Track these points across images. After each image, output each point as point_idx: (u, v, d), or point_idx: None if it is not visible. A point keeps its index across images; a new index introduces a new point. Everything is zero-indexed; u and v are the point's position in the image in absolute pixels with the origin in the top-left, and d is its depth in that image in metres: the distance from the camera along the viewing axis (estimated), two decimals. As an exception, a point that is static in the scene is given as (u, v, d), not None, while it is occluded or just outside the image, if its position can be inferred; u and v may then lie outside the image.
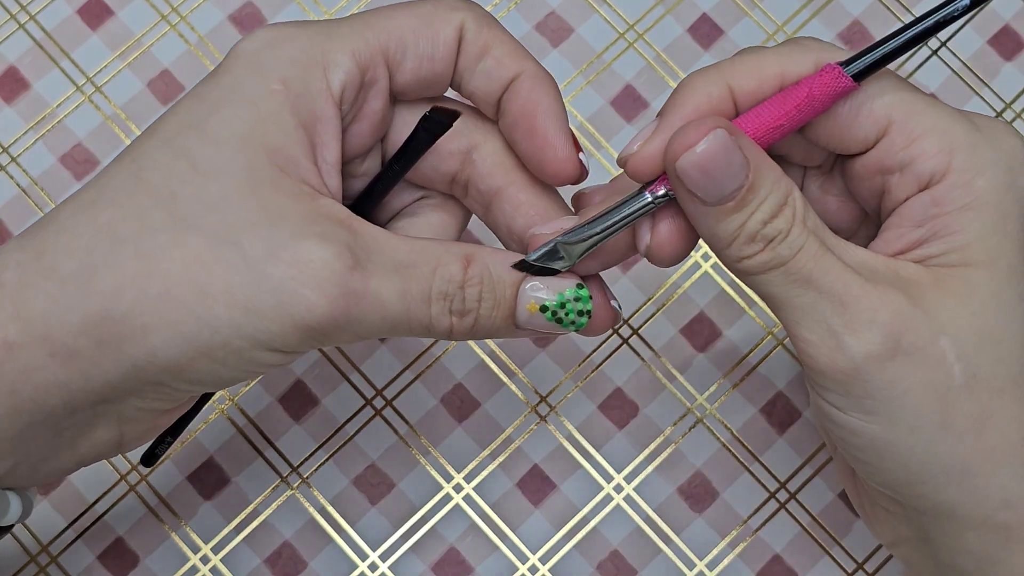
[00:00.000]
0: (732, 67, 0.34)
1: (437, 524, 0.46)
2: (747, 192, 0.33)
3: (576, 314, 0.35)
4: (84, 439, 0.35)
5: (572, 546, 0.45)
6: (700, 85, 0.34)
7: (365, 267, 0.32)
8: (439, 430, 0.46)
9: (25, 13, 0.50)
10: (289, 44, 0.34)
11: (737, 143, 0.32)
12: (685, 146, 0.32)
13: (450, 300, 0.33)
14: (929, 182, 0.33)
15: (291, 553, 0.45)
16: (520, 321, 0.35)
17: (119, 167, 0.33)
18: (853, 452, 0.34)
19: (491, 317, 0.34)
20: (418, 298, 0.33)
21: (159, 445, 0.41)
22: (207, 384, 0.34)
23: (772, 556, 0.45)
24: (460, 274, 0.33)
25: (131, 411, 0.34)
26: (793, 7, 0.50)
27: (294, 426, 0.46)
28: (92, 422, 0.34)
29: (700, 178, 0.32)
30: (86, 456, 0.35)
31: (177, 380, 0.33)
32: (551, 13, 0.50)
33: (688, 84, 0.34)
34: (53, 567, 0.45)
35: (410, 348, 0.47)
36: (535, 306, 0.34)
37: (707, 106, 0.34)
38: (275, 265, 0.31)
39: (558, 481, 0.46)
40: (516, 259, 0.35)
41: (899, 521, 0.36)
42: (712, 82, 0.34)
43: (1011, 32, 0.50)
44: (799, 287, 0.33)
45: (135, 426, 0.35)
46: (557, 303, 0.34)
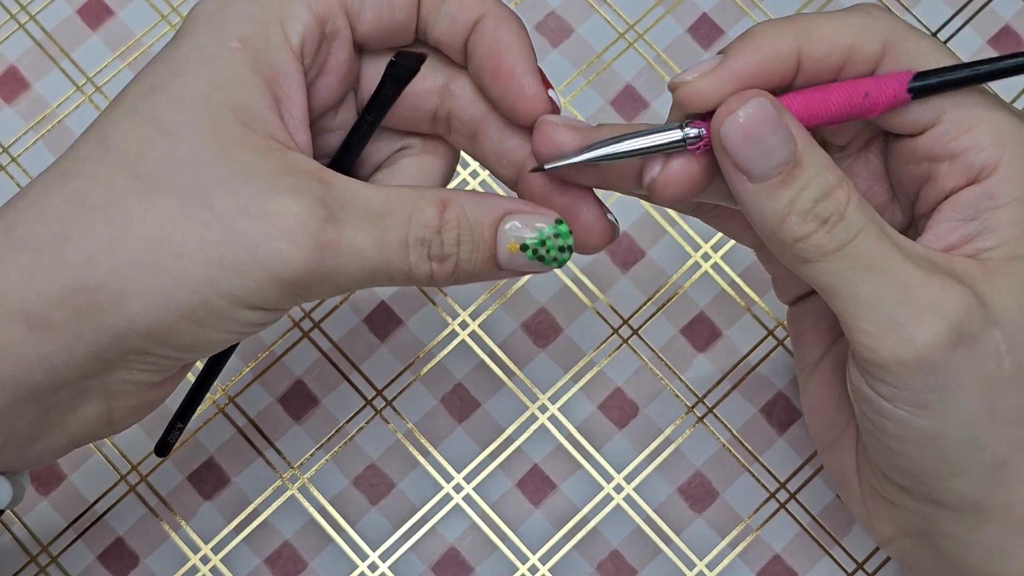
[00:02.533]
0: (806, 28, 0.34)
1: (437, 524, 0.46)
2: (794, 167, 0.32)
3: (557, 250, 0.34)
4: (72, 417, 0.34)
5: (572, 546, 0.45)
6: (772, 36, 0.34)
7: (339, 218, 0.32)
8: (439, 430, 0.46)
9: (25, 13, 0.50)
10: (245, 1, 0.34)
11: (783, 117, 0.32)
12: (728, 113, 0.32)
13: (428, 245, 0.33)
14: (979, 175, 0.33)
15: (291, 553, 0.45)
16: (501, 262, 0.34)
17: (86, 138, 0.33)
18: (891, 443, 0.34)
19: (471, 260, 0.34)
20: (395, 246, 0.33)
21: (171, 433, 0.41)
22: (193, 349, 0.33)
23: (772, 556, 0.45)
24: (436, 219, 0.33)
25: (118, 385, 0.34)
26: (794, 7, 0.50)
27: (294, 426, 0.46)
28: (79, 398, 0.34)
29: (744, 145, 0.32)
30: (77, 435, 0.35)
31: (160, 346, 0.32)
32: (551, 13, 0.50)
33: (760, 32, 0.34)
34: (53, 567, 0.45)
35: (410, 348, 0.47)
36: (515, 245, 0.34)
37: (772, 59, 0.33)
38: (248, 221, 0.31)
39: (558, 481, 0.46)
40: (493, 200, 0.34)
41: (904, 516, 0.36)
42: (784, 37, 0.33)
43: (1011, 32, 0.50)
44: (860, 275, 0.32)
45: (124, 401, 0.35)
46: (537, 241, 0.34)
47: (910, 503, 0.36)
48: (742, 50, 0.33)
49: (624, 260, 0.48)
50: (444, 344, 0.47)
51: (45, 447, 0.35)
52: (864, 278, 0.32)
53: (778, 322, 0.47)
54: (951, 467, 0.33)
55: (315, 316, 0.47)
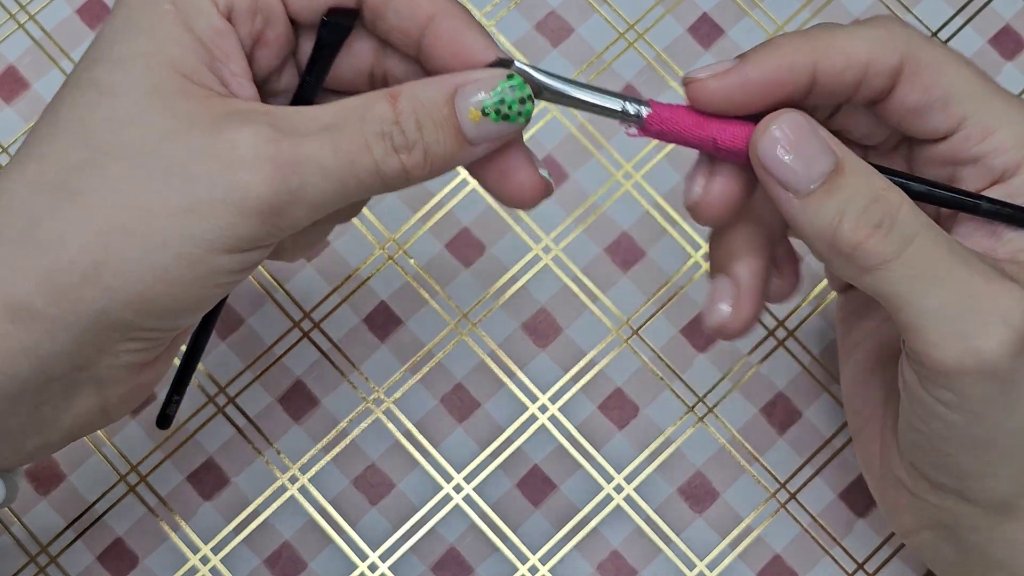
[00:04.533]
0: (823, 42, 0.34)
1: (437, 524, 0.46)
2: (836, 175, 0.32)
3: (519, 103, 0.33)
4: (66, 410, 0.34)
5: (572, 546, 0.45)
6: (788, 48, 0.34)
7: (291, 136, 0.32)
8: (439, 430, 0.46)
9: (25, 13, 0.50)
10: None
11: (817, 129, 0.32)
12: (763, 132, 0.32)
13: (389, 137, 0.33)
14: (1001, 176, 0.34)
15: (291, 553, 0.45)
16: (469, 135, 0.33)
17: (40, 120, 0.33)
18: (938, 445, 0.34)
19: (439, 142, 0.33)
20: (356, 148, 0.32)
21: (169, 405, 0.41)
22: (177, 313, 0.33)
23: (772, 556, 0.45)
24: (390, 111, 0.33)
25: (107, 371, 0.34)
26: (793, 7, 0.50)
27: (294, 426, 0.46)
28: (70, 391, 0.34)
29: (783, 159, 0.32)
30: (72, 428, 0.35)
31: (143, 316, 0.32)
32: (551, 13, 0.50)
33: (778, 44, 0.34)
34: (53, 567, 0.45)
35: (410, 348, 0.47)
36: (476, 112, 0.33)
37: (787, 71, 0.33)
38: (202, 162, 0.31)
39: (558, 481, 0.46)
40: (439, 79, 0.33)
41: (928, 510, 0.36)
42: (800, 50, 0.34)
43: (1011, 32, 0.50)
44: (924, 285, 0.32)
45: (116, 388, 0.34)
46: (496, 100, 0.33)
47: (937, 499, 0.36)
48: (758, 58, 0.34)
49: (624, 260, 0.48)
50: (444, 344, 0.47)
51: (40, 442, 0.35)
52: (928, 288, 0.32)
53: (778, 322, 0.47)
54: (994, 468, 0.34)
55: (315, 316, 0.47)
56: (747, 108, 0.34)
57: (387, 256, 0.48)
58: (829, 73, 0.34)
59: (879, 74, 0.34)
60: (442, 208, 0.48)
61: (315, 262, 0.48)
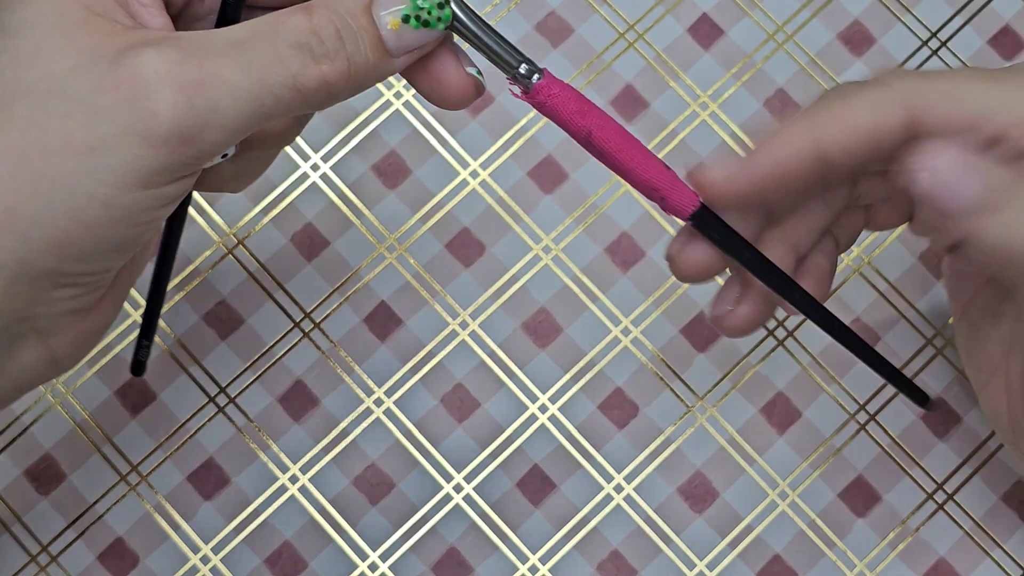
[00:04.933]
0: (823, 121, 0.34)
1: (437, 524, 0.46)
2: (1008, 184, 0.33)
3: (437, 7, 0.32)
4: (11, 364, 0.33)
5: (572, 546, 0.45)
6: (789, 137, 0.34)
7: (196, 56, 0.31)
8: (439, 430, 0.46)
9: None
10: None
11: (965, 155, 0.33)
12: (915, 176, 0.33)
13: (308, 49, 0.31)
14: None
15: (291, 553, 0.45)
16: (391, 45, 0.32)
17: None
18: None
19: (361, 53, 0.32)
20: (268, 62, 0.31)
21: (139, 351, 0.40)
22: (102, 255, 0.32)
23: (772, 556, 0.45)
24: (305, 20, 0.32)
25: (45, 322, 0.33)
26: (793, 7, 0.50)
27: (294, 426, 0.46)
28: (12, 345, 0.33)
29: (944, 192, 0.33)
30: (21, 380, 0.34)
31: (66, 261, 0.31)
32: (551, 13, 0.50)
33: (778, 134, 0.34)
34: (53, 567, 0.45)
35: (410, 348, 0.47)
36: (396, 21, 0.32)
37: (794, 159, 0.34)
38: (103, 94, 0.30)
39: (558, 481, 0.46)
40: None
41: None
42: (801, 137, 0.34)
43: (1011, 32, 0.50)
44: None
45: (60, 337, 0.33)
46: (413, 7, 0.32)
47: None
48: (761, 155, 0.34)
49: (624, 260, 0.48)
50: (444, 344, 0.47)
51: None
52: None
53: (778, 322, 0.47)
54: None
55: (315, 316, 0.47)
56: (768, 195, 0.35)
57: (387, 256, 0.48)
58: (838, 150, 0.34)
59: (891, 131, 0.34)
60: (442, 208, 0.48)
61: (315, 262, 0.48)
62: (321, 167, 0.48)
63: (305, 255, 0.48)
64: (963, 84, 0.34)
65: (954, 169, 0.33)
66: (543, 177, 0.48)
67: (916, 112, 0.34)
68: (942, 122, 0.34)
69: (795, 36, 0.50)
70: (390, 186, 0.48)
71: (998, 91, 0.34)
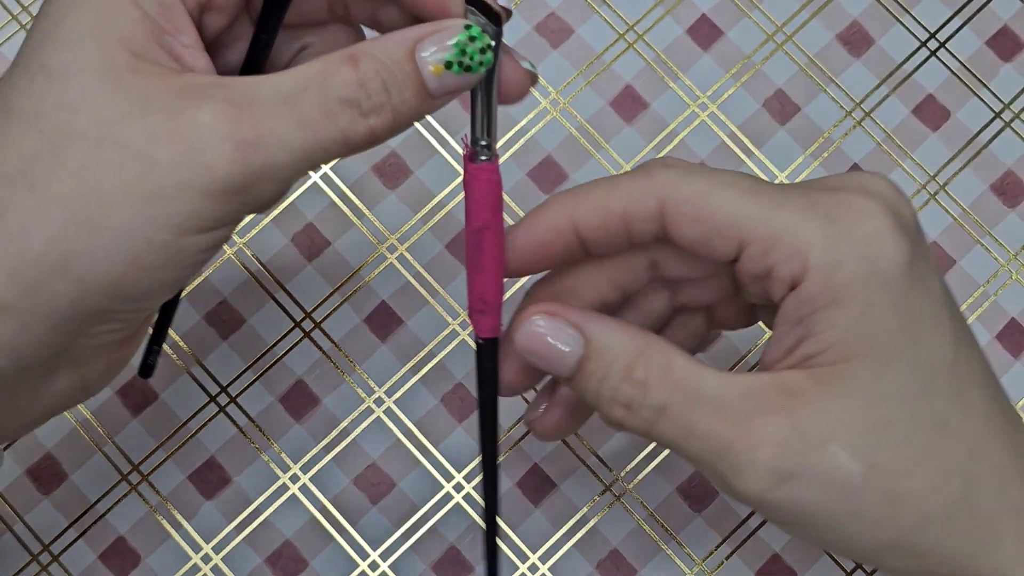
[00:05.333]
0: (580, 201, 0.36)
1: (437, 523, 0.46)
2: (584, 361, 0.35)
3: (479, 53, 0.33)
4: (45, 392, 0.34)
5: (572, 545, 0.46)
6: (548, 213, 0.36)
7: (250, 113, 0.31)
8: (439, 429, 0.47)
9: (27, 13, 0.50)
10: None
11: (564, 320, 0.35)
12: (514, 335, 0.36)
13: (356, 104, 0.32)
14: (792, 283, 0.34)
15: (292, 552, 0.45)
16: (433, 90, 0.33)
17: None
18: None
19: (405, 101, 0.33)
20: (320, 118, 0.32)
21: (149, 355, 0.41)
22: (154, 294, 0.33)
23: (771, 555, 0.46)
24: (353, 74, 0.32)
25: (84, 352, 0.33)
26: (792, 8, 0.50)
27: (295, 426, 0.47)
28: (48, 375, 0.33)
29: (534, 360, 0.35)
30: (52, 407, 0.35)
31: (119, 301, 0.32)
32: (551, 14, 0.50)
33: (541, 209, 0.36)
34: (55, 566, 0.45)
35: (410, 348, 0.47)
36: (439, 67, 0.32)
37: (550, 236, 0.36)
38: (160, 146, 0.31)
39: (558, 480, 0.46)
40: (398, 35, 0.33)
41: None
42: (558, 213, 0.36)
43: (1010, 33, 0.50)
44: (684, 439, 0.34)
45: (94, 366, 0.34)
46: (457, 53, 0.33)
47: None
48: (522, 228, 0.36)
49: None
50: (444, 344, 0.47)
51: (19, 423, 0.35)
52: (687, 441, 0.34)
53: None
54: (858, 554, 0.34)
55: (316, 316, 0.47)
56: (531, 270, 0.37)
57: (388, 256, 0.48)
58: (590, 229, 0.35)
59: (643, 220, 0.35)
60: (442, 208, 0.48)
61: (316, 262, 0.48)
62: (322, 167, 0.49)
63: (306, 255, 0.48)
64: (718, 190, 0.34)
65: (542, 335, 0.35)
66: (542, 178, 0.49)
67: (666, 206, 0.34)
68: (688, 221, 0.34)
69: (794, 37, 0.50)
70: (390, 186, 0.48)
71: (750, 205, 0.34)
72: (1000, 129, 0.49)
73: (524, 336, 0.35)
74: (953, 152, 0.49)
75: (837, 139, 0.49)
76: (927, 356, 0.33)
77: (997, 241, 0.48)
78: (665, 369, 0.34)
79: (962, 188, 0.49)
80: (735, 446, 0.33)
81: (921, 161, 0.49)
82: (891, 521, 0.33)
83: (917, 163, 0.49)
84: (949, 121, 0.49)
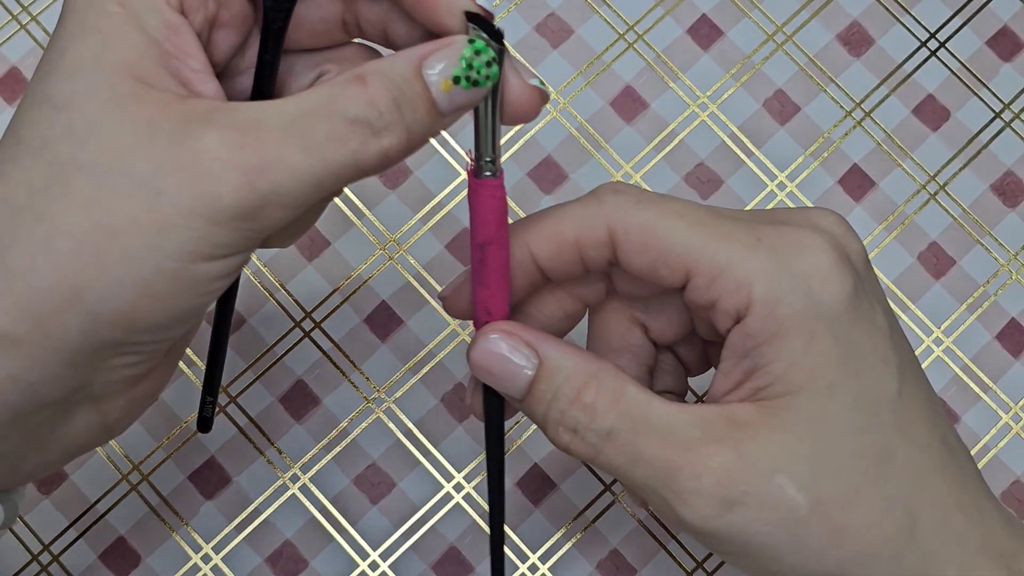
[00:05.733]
0: (534, 229, 0.36)
1: (437, 523, 0.46)
2: (536, 382, 0.35)
3: (485, 67, 0.32)
4: (64, 430, 0.33)
5: (572, 545, 0.46)
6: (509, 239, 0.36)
7: (255, 138, 0.31)
8: (439, 430, 0.47)
9: (27, 14, 0.50)
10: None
11: (519, 338, 0.35)
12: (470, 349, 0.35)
13: (368, 124, 0.31)
14: (738, 316, 0.34)
15: (292, 552, 0.45)
16: (442, 107, 0.32)
17: (3, 139, 0.32)
18: None
19: (418, 121, 0.32)
20: (327, 142, 0.31)
21: (204, 407, 0.41)
22: (167, 325, 0.32)
23: (771, 555, 0.46)
24: (362, 92, 0.31)
25: (102, 389, 0.33)
26: (792, 8, 0.50)
27: (295, 426, 0.47)
28: (67, 412, 0.33)
29: (487, 377, 0.35)
30: (72, 447, 0.34)
31: (132, 332, 0.31)
32: (551, 14, 0.50)
33: None
34: (55, 566, 0.45)
35: (410, 348, 0.47)
36: (447, 83, 0.32)
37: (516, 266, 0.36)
38: (167, 176, 0.30)
39: (558, 480, 0.46)
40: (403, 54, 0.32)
41: None
42: (515, 245, 0.36)
43: (1009, 33, 0.50)
44: (630, 465, 0.34)
45: (113, 403, 0.34)
46: (464, 67, 0.32)
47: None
48: None
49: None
50: (444, 344, 0.47)
51: (38, 463, 0.34)
52: (634, 467, 0.34)
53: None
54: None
55: (316, 316, 0.47)
56: None
57: (388, 256, 0.48)
58: (546, 257, 0.35)
59: (594, 247, 0.35)
60: (442, 209, 0.48)
61: (316, 262, 0.48)
62: (322, 168, 0.49)
63: (306, 255, 0.48)
64: (665, 219, 0.34)
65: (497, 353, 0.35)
66: (542, 178, 0.49)
67: (615, 234, 0.34)
68: (636, 249, 0.34)
69: (794, 37, 0.50)
70: (390, 186, 0.49)
71: (697, 236, 0.34)
72: (1000, 129, 0.49)
73: (479, 354, 0.35)
74: (953, 152, 0.49)
75: (837, 139, 0.49)
76: (869, 389, 0.34)
77: (997, 241, 0.48)
78: (615, 395, 0.34)
79: (962, 188, 0.49)
80: (680, 473, 0.33)
81: (921, 161, 0.49)
82: (834, 553, 0.33)
83: (917, 163, 0.49)
84: (949, 121, 0.49)
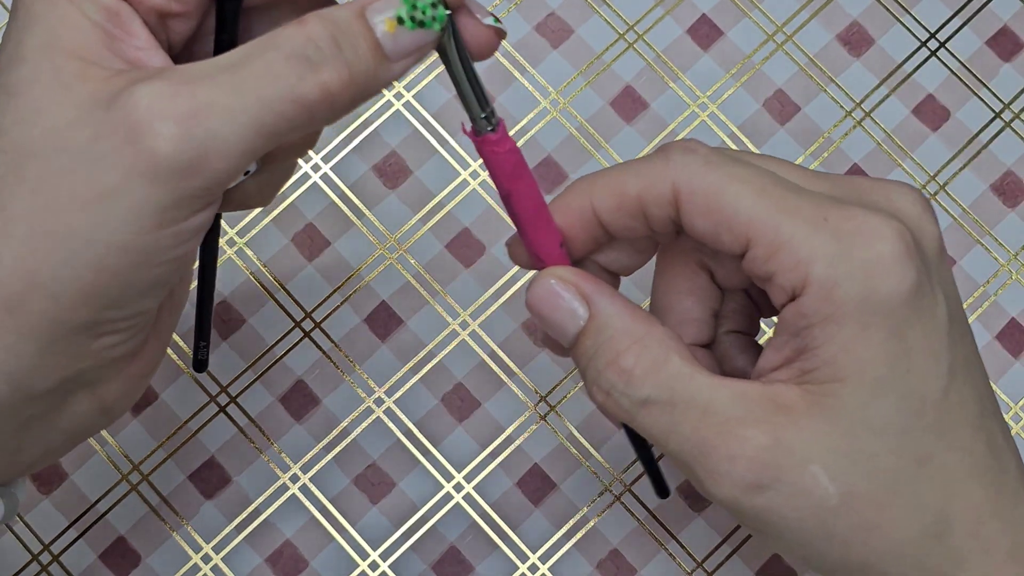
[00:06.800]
0: (598, 184, 0.35)
1: (437, 523, 0.46)
2: (582, 336, 0.35)
3: (431, 7, 0.32)
4: (60, 420, 0.33)
5: (572, 545, 0.46)
6: (571, 195, 0.36)
7: (188, 87, 0.30)
8: (439, 430, 0.47)
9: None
10: None
11: (575, 288, 0.35)
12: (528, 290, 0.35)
13: (305, 58, 0.30)
14: (793, 293, 0.33)
15: (292, 552, 0.45)
16: (389, 49, 0.32)
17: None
18: None
19: (360, 59, 0.31)
20: (264, 79, 0.30)
21: (198, 351, 0.41)
22: (136, 298, 0.31)
23: (772, 555, 0.46)
24: (300, 29, 0.30)
25: (93, 374, 0.33)
26: (792, 8, 0.50)
27: (295, 426, 0.47)
28: (63, 401, 0.33)
29: (539, 321, 0.35)
30: (72, 435, 0.34)
31: (99, 311, 0.31)
32: (551, 14, 0.50)
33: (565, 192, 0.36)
34: (55, 566, 0.45)
35: (410, 348, 0.47)
36: (391, 23, 0.31)
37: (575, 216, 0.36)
38: (102, 141, 0.30)
39: (558, 480, 0.46)
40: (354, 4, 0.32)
41: None
42: (579, 195, 0.36)
43: (1009, 33, 0.50)
44: (663, 435, 0.34)
45: (108, 387, 0.33)
46: (408, 7, 0.31)
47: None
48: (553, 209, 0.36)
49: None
50: (444, 344, 0.47)
51: (38, 453, 0.34)
52: (667, 438, 0.34)
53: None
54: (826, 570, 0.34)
55: (316, 316, 0.47)
56: None
57: (387, 256, 0.48)
58: (608, 211, 0.35)
59: (658, 205, 0.35)
60: (442, 209, 0.48)
61: (316, 262, 0.48)
62: (322, 167, 0.49)
63: (306, 255, 0.48)
64: (732, 185, 0.34)
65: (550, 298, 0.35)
66: (543, 178, 0.49)
67: (680, 195, 0.34)
68: (699, 212, 0.34)
69: (794, 37, 0.50)
70: (391, 186, 0.49)
71: (761, 206, 0.33)
72: (1000, 129, 0.49)
73: (534, 296, 0.35)
74: (953, 152, 0.49)
75: (837, 139, 0.49)
76: (916, 388, 0.33)
77: (997, 241, 0.48)
78: (656, 364, 0.34)
79: (962, 188, 0.49)
80: (715, 452, 0.33)
81: (921, 161, 0.49)
82: (862, 546, 0.33)
83: (917, 163, 0.49)
84: (949, 121, 0.49)
